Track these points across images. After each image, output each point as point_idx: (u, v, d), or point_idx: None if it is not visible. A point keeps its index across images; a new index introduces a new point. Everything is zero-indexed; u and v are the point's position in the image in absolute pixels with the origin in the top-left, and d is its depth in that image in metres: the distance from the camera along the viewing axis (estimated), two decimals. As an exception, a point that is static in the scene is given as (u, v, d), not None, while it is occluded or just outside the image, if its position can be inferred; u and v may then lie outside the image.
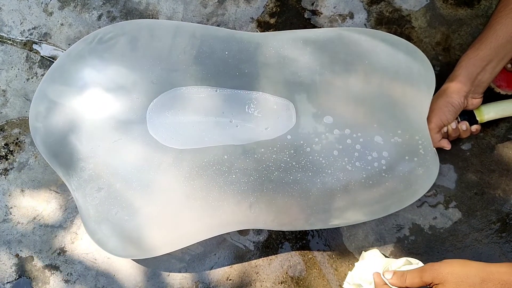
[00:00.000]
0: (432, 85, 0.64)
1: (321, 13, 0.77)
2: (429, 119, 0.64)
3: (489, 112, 0.67)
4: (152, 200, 0.63)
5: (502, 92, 0.70)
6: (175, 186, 0.62)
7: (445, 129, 0.66)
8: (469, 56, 0.63)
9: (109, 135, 0.63)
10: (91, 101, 0.64)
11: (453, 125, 0.66)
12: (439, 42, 0.75)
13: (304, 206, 0.63)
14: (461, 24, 0.75)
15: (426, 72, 0.65)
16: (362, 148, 0.63)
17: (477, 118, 0.67)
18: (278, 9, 0.78)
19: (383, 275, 0.57)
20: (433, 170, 0.64)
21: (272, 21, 0.78)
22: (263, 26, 0.78)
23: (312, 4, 0.78)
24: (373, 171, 0.62)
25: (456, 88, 0.63)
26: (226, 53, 0.66)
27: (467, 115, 0.67)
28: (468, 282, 0.48)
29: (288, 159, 0.63)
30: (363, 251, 0.68)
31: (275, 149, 0.63)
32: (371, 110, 0.64)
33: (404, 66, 0.65)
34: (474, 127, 0.67)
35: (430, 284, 0.52)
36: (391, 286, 0.55)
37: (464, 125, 0.66)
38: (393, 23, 0.76)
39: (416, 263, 0.59)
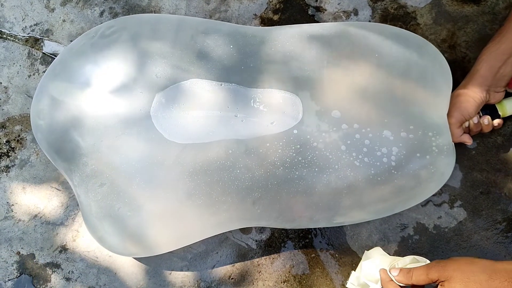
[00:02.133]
0: (449, 79, 0.63)
1: (325, 10, 0.76)
2: (450, 113, 0.63)
3: None
4: (155, 196, 0.62)
5: (509, 91, 0.69)
6: (178, 182, 0.62)
7: (466, 123, 0.65)
8: (490, 50, 0.62)
9: (112, 130, 0.63)
10: (94, 96, 0.63)
11: (475, 119, 0.65)
12: (444, 39, 0.74)
13: (309, 202, 0.62)
14: (467, 21, 0.74)
15: (441, 66, 0.64)
16: (371, 144, 0.61)
17: (499, 112, 0.66)
18: (282, 6, 0.77)
19: (389, 272, 0.56)
20: (446, 169, 0.62)
21: (276, 17, 0.77)
22: (267, 22, 0.77)
23: (316, 1, 0.77)
24: (382, 168, 0.61)
25: (478, 82, 0.63)
26: (231, 46, 0.65)
27: (489, 109, 0.66)
28: (475, 279, 0.48)
29: (294, 154, 0.62)
30: (365, 251, 0.68)
31: (280, 144, 0.62)
32: (381, 105, 0.62)
33: (416, 60, 0.63)
34: (496, 122, 0.66)
35: (436, 281, 0.52)
36: (397, 282, 0.54)
37: (486, 119, 0.65)
38: (398, 20, 0.75)
39: (424, 261, 0.58)
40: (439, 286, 0.52)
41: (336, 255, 0.71)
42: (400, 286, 0.55)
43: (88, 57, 0.65)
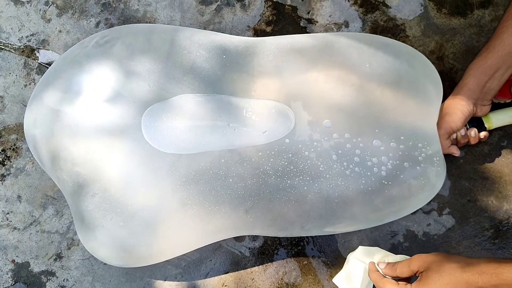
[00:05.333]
0: (439, 88, 0.65)
1: (317, 22, 0.78)
2: (438, 125, 0.65)
3: (498, 120, 0.69)
4: (147, 206, 0.62)
5: (495, 101, 0.71)
6: (171, 192, 0.62)
7: (454, 135, 0.68)
8: (477, 65, 0.64)
9: (105, 140, 0.63)
10: (87, 106, 0.64)
11: (462, 131, 0.67)
12: (433, 51, 0.76)
13: (301, 211, 0.63)
14: (454, 33, 0.76)
15: (431, 76, 0.65)
16: (362, 154, 0.62)
17: (486, 125, 0.68)
18: (274, 18, 0.79)
19: (377, 265, 0.61)
20: (437, 180, 0.64)
21: (269, 29, 0.78)
22: (260, 34, 0.78)
23: (308, 13, 0.78)
24: (373, 178, 0.62)
25: (465, 95, 0.65)
26: (224, 57, 0.66)
27: (476, 122, 0.68)
28: (449, 271, 0.52)
29: (285, 163, 0.63)
30: (349, 255, 0.68)
31: (272, 153, 0.63)
32: (372, 115, 0.63)
33: (407, 70, 0.65)
34: (483, 134, 0.68)
35: (417, 272, 0.56)
36: (383, 274, 0.59)
37: (473, 131, 0.67)
38: (388, 32, 0.77)
39: None
40: (418, 276, 0.56)
41: (328, 262, 0.72)
42: (383, 276, 0.59)
43: (82, 66, 0.65)
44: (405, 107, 0.64)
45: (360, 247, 0.65)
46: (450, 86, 0.73)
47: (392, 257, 0.62)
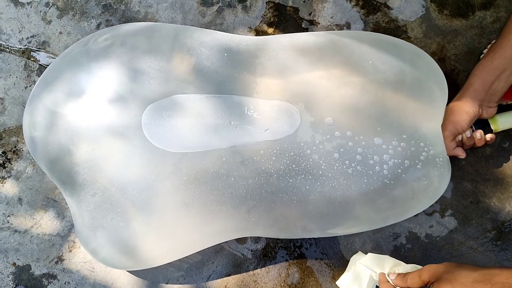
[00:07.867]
0: (444, 89, 0.64)
1: (318, 23, 0.78)
2: (443, 126, 0.64)
3: (504, 122, 0.68)
4: (148, 206, 0.62)
5: (502, 103, 0.70)
6: (172, 191, 0.62)
7: (459, 137, 0.67)
8: (484, 65, 0.63)
9: (105, 139, 0.62)
10: (86, 105, 0.63)
11: (468, 133, 0.66)
12: (434, 52, 0.76)
13: (303, 211, 0.63)
14: (456, 34, 0.76)
15: (436, 76, 0.65)
16: (364, 152, 0.62)
17: (492, 127, 0.67)
18: (276, 19, 0.79)
19: (387, 275, 0.61)
20: (441, 181, 0.63)
21: (270, 30, 0.78)
22: (261, 35, 0.78)
23: (310, 14, 0.78)
24: (375, 177, 0.62)
25: (471, 96, 0.64)
26: (225, 55, 0.65)
27: (482, 124, 0.67)
28: (461, 281, 0.52)
29: (287, 162, 0.62)
30: (352, 258, 0.68)
31: (274, 151, 0.62)
32: (374, 113, 0.63)
33: (411, 69, 0.64)
34: (489, 136, 0.67)
35: (428, 282, 0.56)
36: (393, 285, 0.59)
37: (478, 133, 0.66)
38: (390, 33, 0.77)
39: None
40: (430, 286, 0.56)
41: (331, 264, 0.72)
42: (394, 287, 0.59)
43: (81, 65, 0.65)
44: (407, 106, 0.64)
45: (369, 254, 0.65)
46: (451, 87, 0.72)
47: (403, 267, 0.61)
